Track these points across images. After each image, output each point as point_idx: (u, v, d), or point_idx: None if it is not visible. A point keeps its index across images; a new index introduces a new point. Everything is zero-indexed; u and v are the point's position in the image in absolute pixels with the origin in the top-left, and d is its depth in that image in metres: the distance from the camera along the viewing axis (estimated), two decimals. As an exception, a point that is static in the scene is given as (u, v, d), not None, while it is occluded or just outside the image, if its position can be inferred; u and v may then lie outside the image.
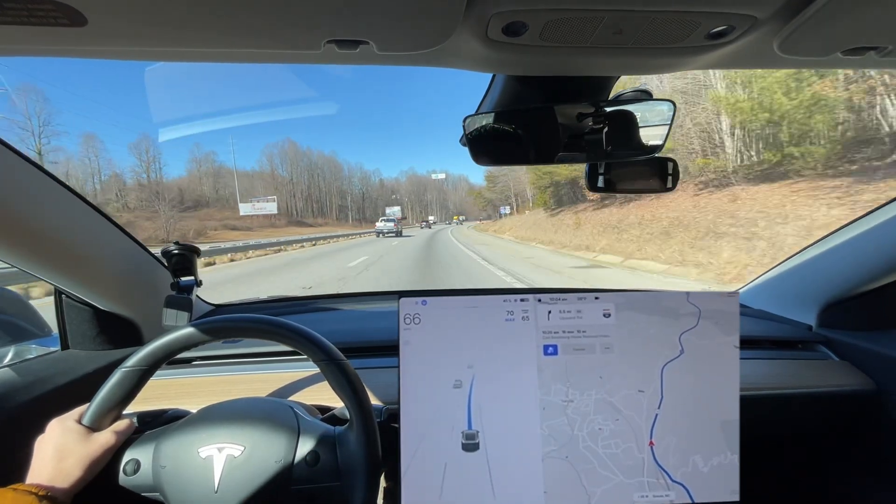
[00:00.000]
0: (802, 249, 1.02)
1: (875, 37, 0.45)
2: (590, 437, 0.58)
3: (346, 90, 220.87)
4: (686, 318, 0.59)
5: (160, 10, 0.36)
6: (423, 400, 0.58)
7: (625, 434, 0.58)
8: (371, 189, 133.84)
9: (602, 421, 0.59)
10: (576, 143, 0.68)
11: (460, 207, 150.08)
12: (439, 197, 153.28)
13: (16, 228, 0.64)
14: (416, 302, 0.59)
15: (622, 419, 0.59)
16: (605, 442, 0.58)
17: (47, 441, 0.53)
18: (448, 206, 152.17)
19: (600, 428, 0.58)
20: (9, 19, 0.36)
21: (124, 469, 0.56)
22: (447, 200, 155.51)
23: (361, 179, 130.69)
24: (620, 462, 0.58)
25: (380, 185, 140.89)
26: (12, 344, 0.96)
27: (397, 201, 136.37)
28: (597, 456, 0.58)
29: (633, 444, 0.58)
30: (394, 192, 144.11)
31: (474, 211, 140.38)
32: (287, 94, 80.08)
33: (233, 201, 72.36)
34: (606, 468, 0.58)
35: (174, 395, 0.83)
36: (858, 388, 0.86)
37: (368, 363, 0.89)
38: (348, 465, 0.56)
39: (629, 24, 0.43)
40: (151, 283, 0.93)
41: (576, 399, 0.59)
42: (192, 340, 0.58)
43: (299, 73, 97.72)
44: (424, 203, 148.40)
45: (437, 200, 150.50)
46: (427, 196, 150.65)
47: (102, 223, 0.81)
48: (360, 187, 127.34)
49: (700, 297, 0.60)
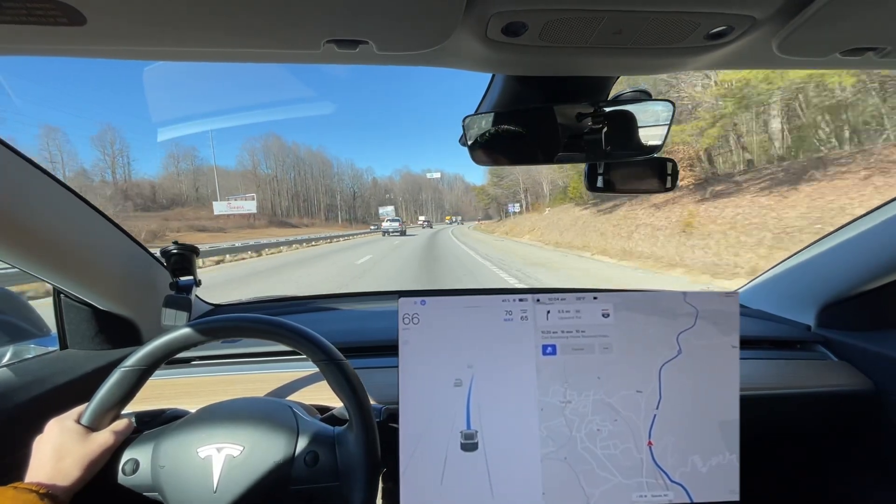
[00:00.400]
0: (801, 249, 1.02)
1: (874, 37, 0.45)
2: (588, 438, 0.58)
3: (340, 88, 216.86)
4: (683, 319, 0.60)
5: (159, 9, 0.36)
6: (422, 400, 0.58)
7: (623, 435, 0.58)
8: (363, 188, 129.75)
9: (600, 422, 0.59)
10: (575, 144, 0.68)
11: (456, 207, 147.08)
12: (434, 196, 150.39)
13: (15, 228, 0.64)
14: (416, 302, 0.59)
15: (620, 420, 0.58)
16: (604, 443, 0.58)
17: (46, 441, 0.53)
18: (444, 206, 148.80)
19: (598, 429, 0.58)
20: (7, 18, 0.36)
21: (123, 469, 0.56)
22: (443, 200, 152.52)
23: (352, 177, 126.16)
24: (619, 463, 0.58)
25: (373, 185, 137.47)
26: (11, 343, 0.96)
27: (391, 200, 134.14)
28: (595, 457, 0.58)
29: (631, 444, 0.58)
30: (387, 191, 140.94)
31: (470, 210, 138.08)
32: (279, 94, 78.18)
33: (213, 199, 65.32)
34: (605, 469, 0.58)
35: (173, 394, 0.83)
36: (857, 389, 0.86)
37: (367, 363, 0.89)
38: (347, 466, 0.56)
39: (629, 24, 0.43)
40: (150, 282, 0.93)
41: (574, 400, 0.59)
42: (192, 340, 0.58)
43: (293, 71, 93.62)
44: (419, 202, 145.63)
45: (433, 200, 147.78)
46: (422, 195, 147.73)
47: (101, 223, 0.81)
48: (350, 185, 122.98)
49: (697, 298, 0.60)
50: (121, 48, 0.43)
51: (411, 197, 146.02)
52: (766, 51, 0.49)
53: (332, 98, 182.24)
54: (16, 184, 0.63)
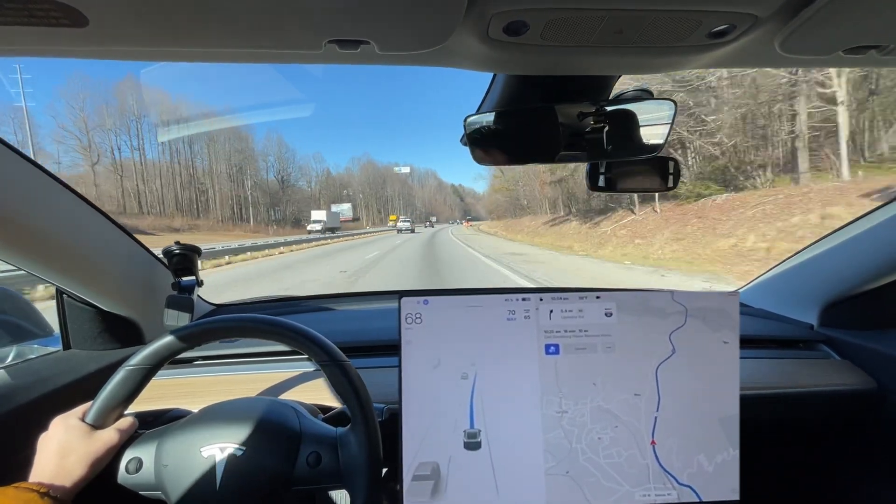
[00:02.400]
0: (804, 248, 1.02)
1: (876, 35, 0.45)
2: (590, 449, 0.57)
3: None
4: (674, 317, 0.59)
5: (161, 11, 0.36)
6: (424, 399, 0.58)
7: (626, 441, 0.57)
8: (307, 176, 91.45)
9: (601, 430, 0.57)
10: (577, 143, 0.68)
11: (430, 207, 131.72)
12: (403, 191, 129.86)
13: (17, 229, 0.64)
14: (418, 301, 0.59)
15: (621, 426, 0.57)
16: (607, 451, 0.57)
17: (50, 438, 0.53)
18: (415, 205, 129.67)
19: (599, 437, 0.57)
20: (9, 20, 0.36)
21: (126, 468, 0.56)
22: (413, 198, 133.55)
23: (280, 158, 79.97)
24: (624, 471, 0.57)
25: (325, 176, 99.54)
26: (14, 344, 0.96)
27: (348, 197, 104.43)
28: (599, 467, 0.57)
29: (635, 450, 0.57)
30: (344, 186, 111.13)
31: (446, 211, 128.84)
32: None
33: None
34: (611, 479, 0.57)
35: (175, 394, 0.83)
36: (860, 388, 0.86)
37: (369, 363, 0.89)
38: (350, 466, 0.56)
39: (630, 23, 0.43)
40: (152, 283, 0.94)
41: (570, 409, 0.57)
42: (195, 340, 0.58)
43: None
44: (383, 199, 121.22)
45: (401, 195, 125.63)
46: (387, 191, 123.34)
47: (104, 223, 0.81)
48: (277, 168, 79.52)
49: (685, 296, 0.59)
50: (122, 49, 0.43)
51: (373, 192, 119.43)
52: (768, 49, 0.49)
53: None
54: (18, 184, 0.63)
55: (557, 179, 24.18)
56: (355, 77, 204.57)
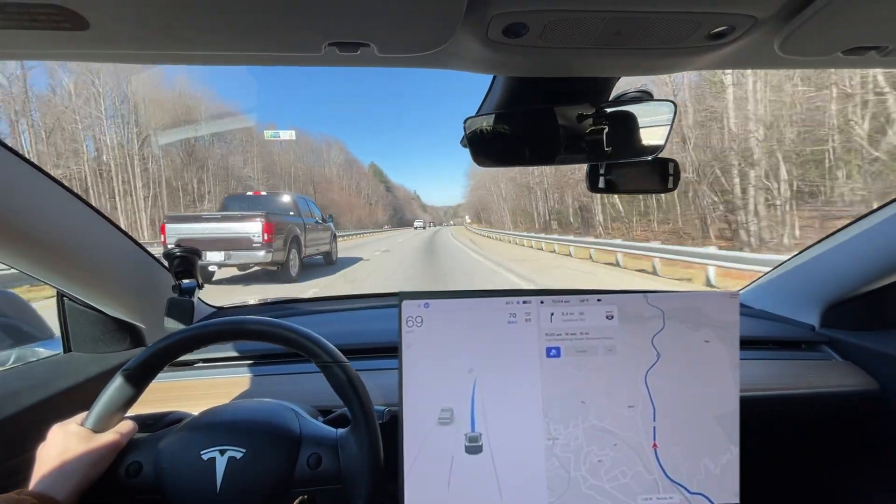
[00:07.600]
0: (805, 249, 1.01)
1: (876, 36, 0.45)
2: (591, 474, 0.54)
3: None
4: (653, 322, 0.57)
5: (162, 13, 0.36)
6: (425, 402, 0.58)
7: (629, 459, 0.54)
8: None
9: (599, 451, 0.54)
10: (576, 145, 0.68)
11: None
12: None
13: (17, 231, 0.64)
14: (419, 304, 0.59)
15: (620, 443, 0.55)
16: (610, 474, 0.54)
17: (50, 446, 0.53)
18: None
19: (600, 460, 0.54)
20: (11, 23, 0.36)
21: (126, 471, 0.56)
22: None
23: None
24: (632, 490, 0.54)
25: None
26: (15, 347, 0.96)
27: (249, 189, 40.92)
28: (605, 493, 0.54)
29: (640, 467, 0.54)
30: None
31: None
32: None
33: None
34: (619, 502, 0.54)
35: (175, 397, 0.83)
36: (862, 389, 0.86)
37: (369, 365, 0.89)
38: (350, 468, 0.56)
39: (629, 24, 0.43)
40: (153, 285, 0.94)
41: (561, 436, 0.54)
42: (195, 343, 0.58)
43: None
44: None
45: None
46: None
47: (104, 226, 0.81)
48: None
49: (659, 298, 0.57)
50: (123, 52, 0.44)
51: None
52: (767, 51, 0.49)
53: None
54: (18, 187, 0.63)
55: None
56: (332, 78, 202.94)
